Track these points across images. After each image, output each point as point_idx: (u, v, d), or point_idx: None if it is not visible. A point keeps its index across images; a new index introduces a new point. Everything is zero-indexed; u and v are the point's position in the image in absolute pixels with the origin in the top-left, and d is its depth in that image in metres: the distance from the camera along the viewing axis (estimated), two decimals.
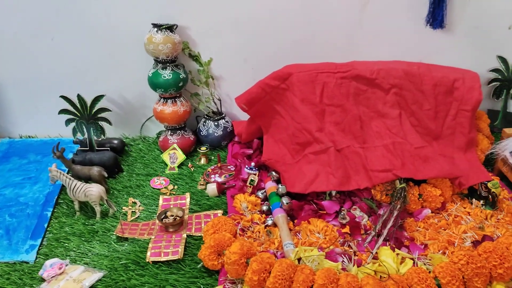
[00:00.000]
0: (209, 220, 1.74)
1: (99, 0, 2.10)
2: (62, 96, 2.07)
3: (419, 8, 2.11)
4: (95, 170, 1.95)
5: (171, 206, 1.87)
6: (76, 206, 1.87)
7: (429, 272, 1.42)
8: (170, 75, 2.10)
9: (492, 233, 1.64)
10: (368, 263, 1.52)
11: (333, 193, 1.85)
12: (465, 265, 1.39)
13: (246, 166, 2.04)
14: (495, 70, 2.28)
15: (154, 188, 2.03)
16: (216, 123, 2.27)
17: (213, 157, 2.24)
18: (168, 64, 2.11)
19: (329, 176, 1.85)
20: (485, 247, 1.45)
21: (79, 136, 2.16)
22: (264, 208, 1.83)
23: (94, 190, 1.81)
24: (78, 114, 2.11)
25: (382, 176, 1.81)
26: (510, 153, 1.85)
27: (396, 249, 1.56)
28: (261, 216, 1.79)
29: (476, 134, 1.97)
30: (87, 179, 1.97)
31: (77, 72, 2.26)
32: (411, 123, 1.96)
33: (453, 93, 1.94)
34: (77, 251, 1.68)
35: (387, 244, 1.60)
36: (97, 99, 2.08)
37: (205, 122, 2.29)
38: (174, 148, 2.20)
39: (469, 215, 1.75)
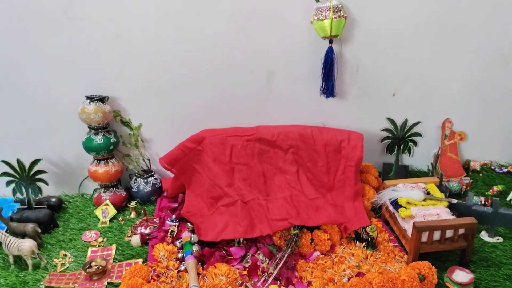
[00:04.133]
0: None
1: (39, 73, 2.39)
2: (3, 161, 2.32)
3: (315, 80, 2.51)
4: (29, 227, 2.18)
5: (97, 257, 2.10)
6: (11, 260, 2.07)
7: None
8: (101, 140, 2.39)
9: (367, 270, 1.94)
10: None
11: (241, 240, 2.13)
12: None
13: (168, 219, 2.31)
14: (386, 130, 2.67)
15: (85, 241, 2.26)
16: (145, 180, 2.55)
17: (142, 211, 2.50)
18: (100, 130, 2.41)
19: (236, 226, 2.14)
20: (352, 282, 1.75)
21: (18, 195, 2.40)
22: (180, 255, 2.08)
23: (26, 245, 2.03)
24: (18, 176, 2.36)
25: (280, 224, 2.12)
26: (389, 200, 2.19)
27: (283, 287, 1.84)
28: (176, 263, 2.04)
29: (360, 185, 2.32)
30: (23, 235, 2.19)
31: (18, 138, 2.52)
32: (307, 178, 2.30)
33: (341, 152, 2.31)
34: None
35: (278, 283, 1.87)
36: (35, 162, 2.34)
37: (135, 179, 2.57)
38: (107, 204, 2.45)
39: (353, 255, 2.05)
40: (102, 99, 2.38)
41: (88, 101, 2.35)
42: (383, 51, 2.51)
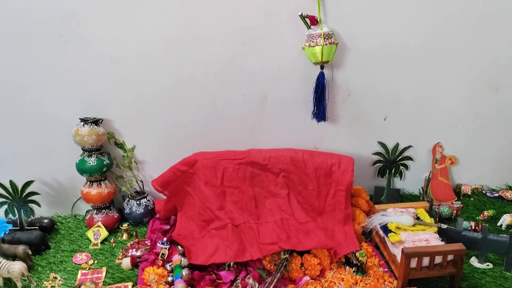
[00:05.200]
0: None
1: (34, 95, 2.42)
2: None
3: (307, 104, 2.54)
4: (20, 249, 2.18)
5: (87, 280, 2.10)
6: (0, 282, 2.07)
7: None
8: (95, 162, 2.41)
9: None
10: None
11: (231, 263, 2.13)
12: None
13: (159, 241, 2.31)
14: (378, 153, 2.69)
15: (75, 264, 2.26)
16: (138, 202, 2.56)
17: (134, 233, 2.50)
18: (93, 152, 2.43)
19: (227, 249, 2.15)
20: None
21: (11, 217, 2.40)
22: (169, 279, 2.08)
23: (16, 267, 2.03)
24: (10, 198, 2.36)
25: (270, 248, 2.12)
26: (379, 224, 2.20)
27: None
28: (165, 287, 2.04)
29: (351, 209, 2.33)
30: (14, 257, 2.19)
31: (12, 159, 2.53)
32: (298, 201, 2.32)
33: (332, 176, 2.32)
34: None
35: None
36: (27, 184, 2.35)
37: (128, 201, 2.58)
38: (99, 226, 2.46)
39: (342, 280, 2.05)
40: (96, 122, 2.41)
41: (82, 123, 2.38)
42: (374, 76, 2.55)
